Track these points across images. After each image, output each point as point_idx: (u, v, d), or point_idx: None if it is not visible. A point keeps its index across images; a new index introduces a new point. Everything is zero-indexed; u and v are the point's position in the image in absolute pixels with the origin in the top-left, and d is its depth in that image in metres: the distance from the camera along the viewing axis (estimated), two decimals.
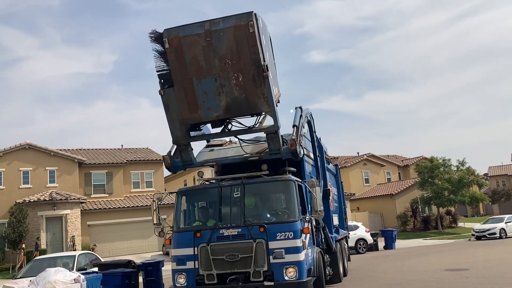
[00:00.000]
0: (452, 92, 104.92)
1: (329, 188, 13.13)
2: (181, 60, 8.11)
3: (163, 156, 9.65)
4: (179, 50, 8.03)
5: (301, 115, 10.13)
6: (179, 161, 9.45)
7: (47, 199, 27.88)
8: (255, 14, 7.66)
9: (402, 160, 54.57)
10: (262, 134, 11.70)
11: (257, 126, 9.13)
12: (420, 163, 38.34)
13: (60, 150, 32.30)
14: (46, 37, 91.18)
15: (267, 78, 7.84)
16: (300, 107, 10.42)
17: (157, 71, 8.43)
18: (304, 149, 10.58)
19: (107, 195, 33.24)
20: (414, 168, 38.98)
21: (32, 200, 27.76)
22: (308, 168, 11.10)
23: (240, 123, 9.33)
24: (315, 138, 12.15)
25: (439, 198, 35.20)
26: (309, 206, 9.71)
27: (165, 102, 8.58)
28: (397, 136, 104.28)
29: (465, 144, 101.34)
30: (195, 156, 10.14)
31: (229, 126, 9.42)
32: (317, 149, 12.21)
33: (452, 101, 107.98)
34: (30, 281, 5.13)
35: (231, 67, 7.97)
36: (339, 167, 16.95)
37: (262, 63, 7.84)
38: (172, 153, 9.48)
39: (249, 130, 9.19)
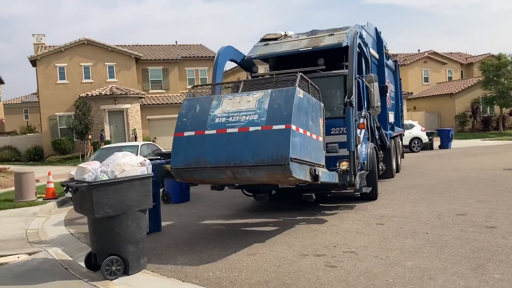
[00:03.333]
0: None
1: (387, 84, 12.75)
2: None
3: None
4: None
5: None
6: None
7: (108, 93, 29.16)
8: (291, 158, 5.92)
9: (466, 58, 51.42)
10: (319, 27, 11.21)
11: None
12: (486, 61, 35.98)
13: (117, 46, 32.93)
14: None
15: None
16: (350, 102, 7.98)
17: None
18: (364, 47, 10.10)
19: (164, 91, 34.23)
20: (479, 66, 36.76)
21: (94, 94, 29.16)
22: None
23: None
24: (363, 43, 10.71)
25: (503, 98, 33.52)
26: (365, 102, 9.56)
27: None
28: (463, 33, 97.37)
29: None
30: (249, 51, 10.23)
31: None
32: (368, 54, 10.87)
33: None
34: (101, 163, 5.53)
35: None
36: (398, 63, 16.29)
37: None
38: None
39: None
